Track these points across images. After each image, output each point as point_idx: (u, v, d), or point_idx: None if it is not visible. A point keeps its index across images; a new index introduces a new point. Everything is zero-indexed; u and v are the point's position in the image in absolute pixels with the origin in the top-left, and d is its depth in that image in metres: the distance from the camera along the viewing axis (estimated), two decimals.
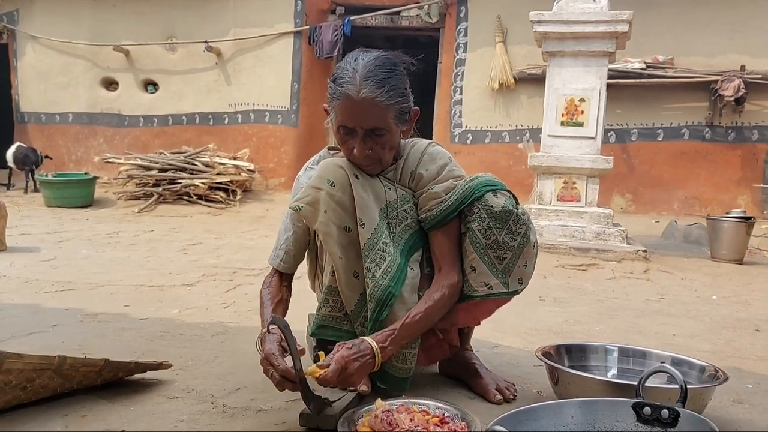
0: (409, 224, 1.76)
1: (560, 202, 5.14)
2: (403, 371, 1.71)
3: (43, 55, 8.82)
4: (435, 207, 1.73)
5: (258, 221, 6.41)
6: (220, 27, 8.24)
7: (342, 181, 1.68)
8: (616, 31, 4.86)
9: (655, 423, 1.31)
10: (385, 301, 1.64)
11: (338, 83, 1.63)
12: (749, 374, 2.12)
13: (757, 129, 6.92)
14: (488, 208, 1.68)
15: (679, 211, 7.04)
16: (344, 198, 1.67)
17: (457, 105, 7.76)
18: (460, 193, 1.71)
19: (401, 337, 1.61)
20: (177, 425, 1.51)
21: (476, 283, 1.71)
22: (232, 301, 2.92)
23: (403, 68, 1.69)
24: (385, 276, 1.65)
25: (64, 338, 2.22)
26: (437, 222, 1.73)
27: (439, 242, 1.74)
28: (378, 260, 1.66)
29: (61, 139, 8.83)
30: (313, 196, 1.67)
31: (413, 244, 1.77)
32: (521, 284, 1.73)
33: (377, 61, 1.64)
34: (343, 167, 1.70)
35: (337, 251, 1.66)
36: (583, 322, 2.81)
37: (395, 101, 1.64)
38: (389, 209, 1.74)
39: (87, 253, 4.22)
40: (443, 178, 1.76)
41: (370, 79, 1.60)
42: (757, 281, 4.17)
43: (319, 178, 1.69)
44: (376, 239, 1.67)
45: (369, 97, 1.59)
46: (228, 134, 8.29)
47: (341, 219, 1.67)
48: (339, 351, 1.50)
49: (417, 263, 1.77)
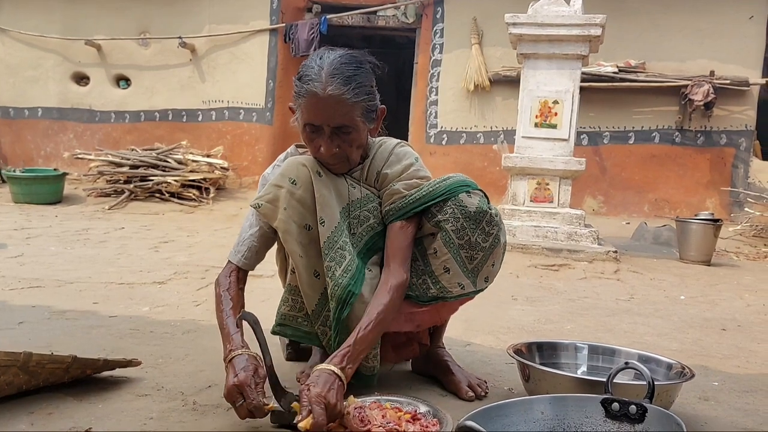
0: (372, 225, 1.75)
1: (533, 202, 5.19)
2: (369, 369, 1.71)
3: (12, 49, 8.63)
4: (398, 200, 1.72)
5: (231, 219, 6.36)
6: (195, 23, 8.15)
7: (304, 179, 1.67)
8: (590, 34, 4.92)
9: (623, 418, 1.33)
10: (345, 300, 1.64)
11: (304, 81, 1.62)
12: (715, 372, 2.17)
13: (725, 133, 7.06)
14: (462, 208, 1.67)
15: (649, 213, 7.16)
16: (305, 196, 1.66)
17: (433, 106, 7.78)
18: (430, 189, 1.70)
19: (358, 352, 1.55)
20: (146, 423, 1.49)
21: (450, 284, 1.71)
22: (203, 299, 2.89)
23: (369, 67, 1.69)
24: (345, 274, 1.64)
25: (31, 336, 2.17)
26: (399, 215, 1.71)
27: (395, 236, 1.71)
28: (338, 259, 1.65)
29: (29, 134, 8.65)
30: (274, 194, 1.67)
31: (372, 245, 1.76)
32: (487, 282, 1.76)
33: (343, 58, 1.63)
34: (306, 165, 1.69)
35: (297, 249, 1.65)
36: (554, 321, 2.84)
37: (362, 99, 1.63)
38: (351, 208, 1.73)
39: (55, 250, 4.14)
40: (407, 177, 1.75)
41: (336, 76, 1.59)
42: (724, 282, 4.26)
43: (281, 176, 1.69)
44: (336, 237, 1.66)
45: (335, 94, 1.59)
46: (202, 131, 8.20)
47: (302, 217, 1.66)
48: (309, 394, 1.40)
49: (376, 266, 1.75)
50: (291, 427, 1.47)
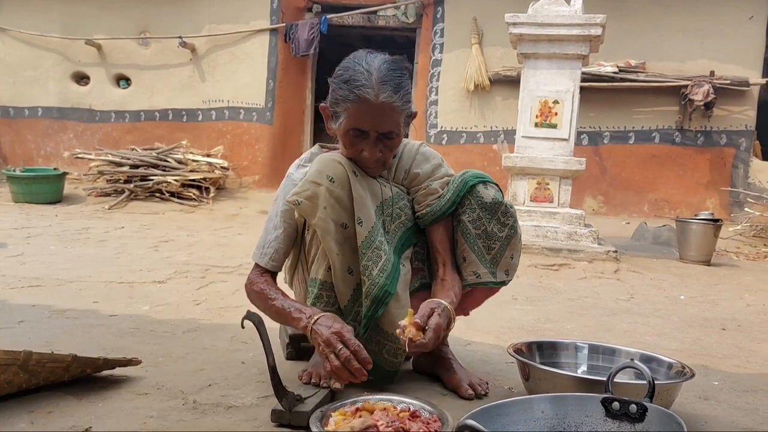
0: (403, 222, 1.79)
1: (533, 202, 5.19)
2: (393, 365, 1.74)
3: (12, 48, 8.62)
4: (434, 202, 1.77)
5: (231, 219, 6.36)
6: (195, 22, 8.15)
7: (341, 178, 1.67)
8: (590, 34, 4.92)
9: (623, 417, 1.33)
10: (381, 299, 1.67)
11: (352, 85, 1.61)
12: (715, 372, 2.17)
13: (725, 133, 7.06)
14: (479, 199, 1.74)
15: (649, 213, 7.16)
16: (343, 195, 1.67)
17: (433, 105, 7.79)
18: (454, 186, 1.76)
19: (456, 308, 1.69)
20: (146, 422, 1.48)
21: (466, 272, 1.78)
22: (204, 299, 2.89)
23: (408, 72, 1.72)
24: (381, 274, 1.66)
25: (31, 335, 2.17)
26: (437, 217, 1.77)
27: (441, 238, 1.79)
28: (375, 258, 1.67)
29: (30, 133, 8.64)
30: (313, 191, 1.66)
31: (406, 240, 1.80)
32: (507, 276, 1.79)
33: (389, 64, 1.65)
34: (342, 163, 1.70)
35: (334, 248, 1.67)
36: (554, 321, 2.84)
37: (408, 106, 1.67)
38: (385, 207, 1.76)
39: (55, 249, 4.14)
40: (439, 176, 1.81)
41: (386, 83, 1.61)
42: (724, 282, 4.26)
43: (319, 173, 1.68)
44: (373, 237, 1.68)
45: (388, 101, 1.61)
46: (202, 131, 8.20)
47: (339, 216, 1.67)
48: (432, 317, 1.56)
49: (408, 260, 1.80)
50: (291, 427, 1.47)
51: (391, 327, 1.69)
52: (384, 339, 1.72)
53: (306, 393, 1.57)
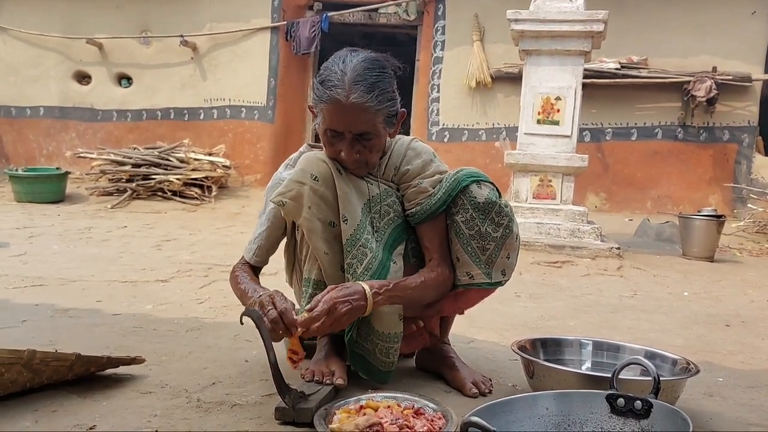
0: (392, 218, 1.76)
1: (536, 199, 5.18)
2: (386, 364, 1.73)
3: (13, 48, 8.63)
4: (424, 201, 1.73)
5: (233, 217, 6.35)
6: (196, 21, 8.14)
7: (325, 176, 1.66)
8: (592, 30, 4.91)
9: (628, 414, 1.32)
10: None
11: (326, 86, 1.60)
12: (720, 368, 2.16)
13: (727, 129, 7.05)
14: (472, 199, 1.70)
15: (651, 209, 7.14)
16: (327, 193, 1.65)
17: (435, 103, 7.77)
18: (447, 185, 1.72)
19: (393, 294, 1.62)
20: (150, 420, 1.48)
21: (459, 273, 1.74)
22: (207, 297, 2.89)
23: (391, 70, 1.67)
24: (366, 272, 1.65)
25: (35, 333, 2.17)
26: (427, 216, 1.73)
27: (430, 236, 1.76)
28: (360, 256, 1.66)
29: (31, 133, 8.65)
30: (297, 191, 1.65)
31: (396, 237, 1.77)
32: (504, 276, 1.76)
33: (366, 63, 1.61)
34: (325, 161, 1.68)
35: (322, 247, 1.66)
36: (557, 318, 2.84)
37: (384, 105, 1.62)
38: (372, 204, 1.73)
39: (58, 248, 4.14)
40: (430, 173, 1.76)
41: (359, 83, 1.57)
42: (728, 278, 4.25)
43: (302, 171, 1.67)
44: (359, 235, 1.66)
45: (359, 102, 1.57)
46: (203, 130, 8.20)
47: (325, 214, 1.66)
48: (329, 292, 1.53)
49: (400, 256, 1.77)
50: (295, 424, 1.47)
51: (381, 326, 1.68)
52: (376, 338, 1.70)
53: (309, 390, 1.57)
